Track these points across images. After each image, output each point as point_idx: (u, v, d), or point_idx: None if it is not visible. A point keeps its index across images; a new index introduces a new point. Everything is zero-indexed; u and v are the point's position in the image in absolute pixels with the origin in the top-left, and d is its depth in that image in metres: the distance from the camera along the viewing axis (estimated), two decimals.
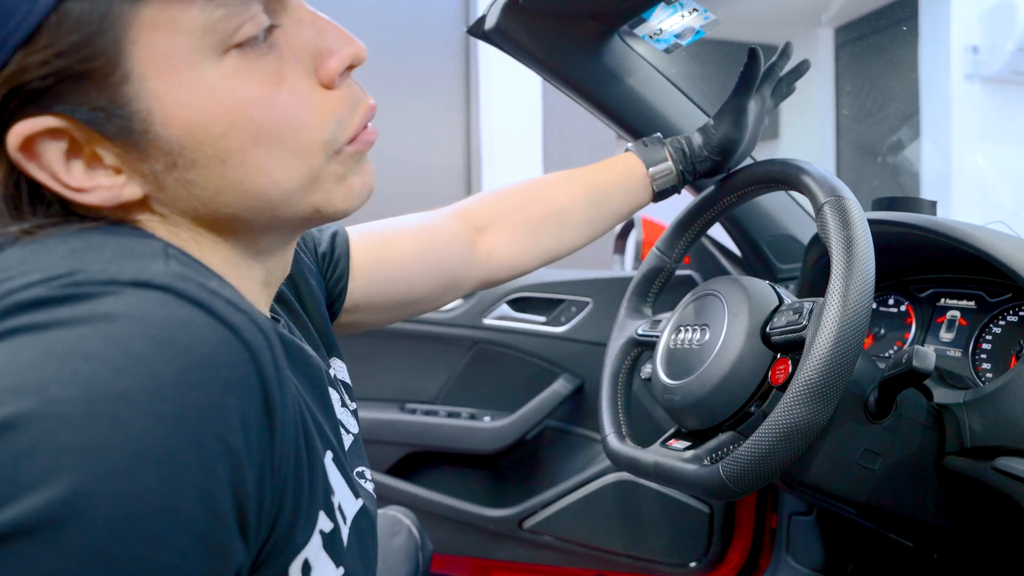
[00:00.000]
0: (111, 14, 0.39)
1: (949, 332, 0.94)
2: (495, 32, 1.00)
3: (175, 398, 0.34)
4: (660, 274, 0.96)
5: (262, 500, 0.38)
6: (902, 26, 3.77)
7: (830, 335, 0.63)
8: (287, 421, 0.40)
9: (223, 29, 0.42)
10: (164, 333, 0.35)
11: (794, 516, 1.23)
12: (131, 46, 0.40)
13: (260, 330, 0.39)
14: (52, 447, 0.31)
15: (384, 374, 1.58)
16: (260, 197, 0.46)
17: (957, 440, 0.76)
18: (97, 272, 0.37)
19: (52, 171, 0.42)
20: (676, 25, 0.99)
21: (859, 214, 0.69)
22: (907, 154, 3.80)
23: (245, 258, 0.50)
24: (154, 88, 0.41)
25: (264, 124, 0.44)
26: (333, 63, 0.47)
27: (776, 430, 0.64)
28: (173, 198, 0.45)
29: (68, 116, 0.41)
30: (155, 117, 0.42)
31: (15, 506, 0.30)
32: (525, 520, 1.47)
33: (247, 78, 0.43)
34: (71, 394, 0.32)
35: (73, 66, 0.40)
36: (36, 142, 0.41)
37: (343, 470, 0.54)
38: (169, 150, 0.43)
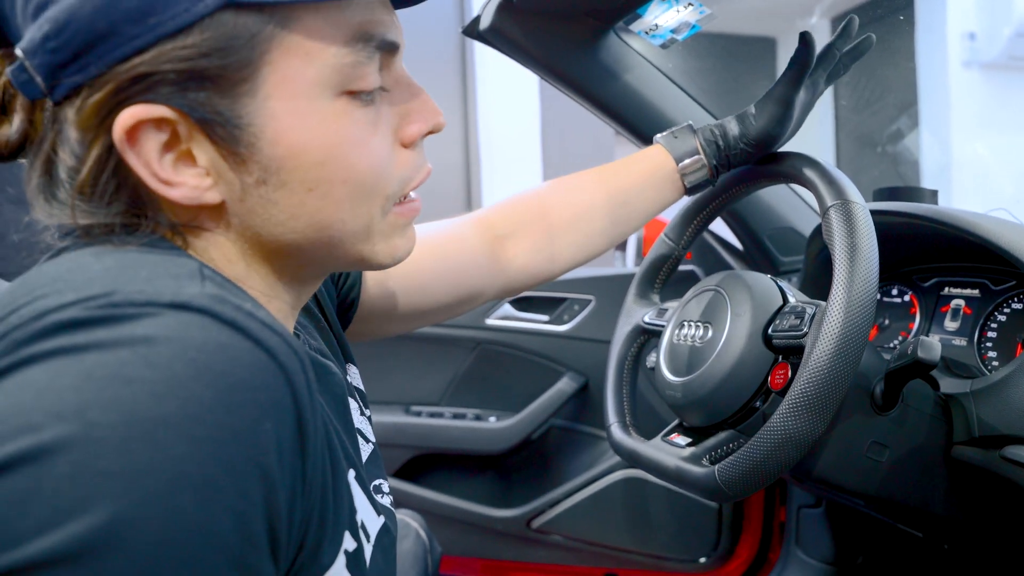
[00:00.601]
0: (261, 33, 0.42)
1: (954, 321, 0.93)
2: (490, 32, 0.99)
3: (213, 422, 0.34)
4: (668, 261, 0.96)
5: (292, 522, 0.38)
6: (899, 15, 3.76)
7: (828, 347, 0.62)
8: (318, 444, 0.41)
9: (347, 75, 0.45)
10: (203, 356, 0.35)
11: (803, 509, 1.22)
12: (267, 66, 0.43)
13: (295, 353, 0.39)
14: (93, 472, 0.31)
15: (388, 377, 1.58)
16: (326, 231, 0.48)
17: (965, 430, 0.75)
18: (134, 293, 0.37)
19: (147, 159, 0.42)
20: (672, 20, 0.99)
21: (865, 220, 0.68)
22: (907, 143, 3.79)
23: (282, 281, 0.51)
24: (274, 107, 0.43)
25: (355, 165, 0.47)
26: (417, 127, 0.51)
27: (771, 439, 0.64)
28: (249, 212, 0.46)
29: (182, 111, 0.42)
30: (266, 133, 0.44)
31: (56, 532, 0.30)
32: (533, 520, 1.46)
33: (350, 121, 0.46)
34: (111, 419, 0.32)
35: (210, 68, 0.41)
36: (140, 128, 0.42)
37: (364, 487, 0.54)
38: (267, 166, 0.45)
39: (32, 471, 0.31)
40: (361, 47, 0.45)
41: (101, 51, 0.40)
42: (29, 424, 0.32)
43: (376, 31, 0.46)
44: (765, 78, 5.30)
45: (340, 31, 0.44)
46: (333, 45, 0.44)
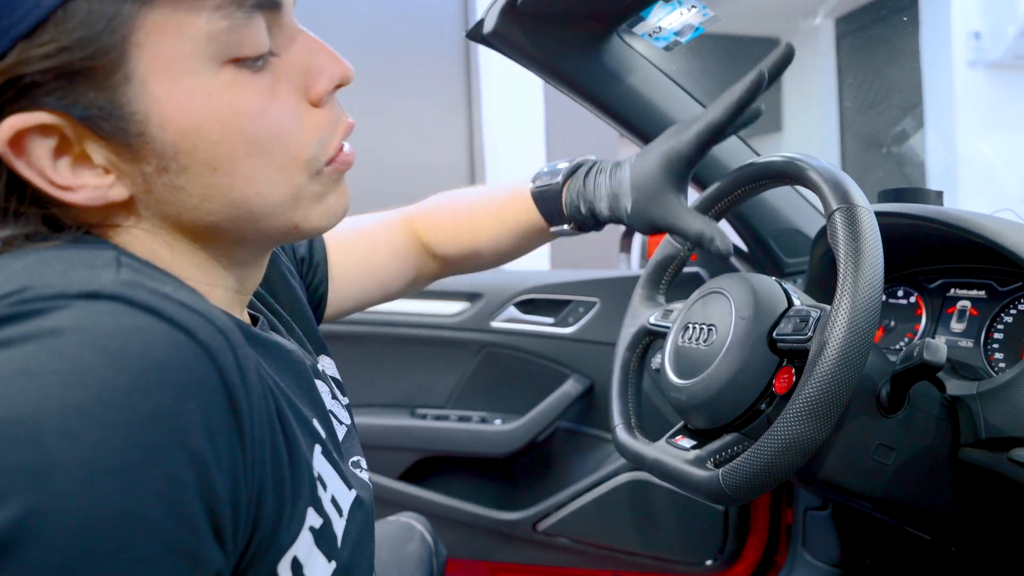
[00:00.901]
0: (119, 15, 0.40)
1: (960, 323, 0.93)
2: (494, 36, 1.00)
3: (128, 406, 0.33)
4: (673, 262, 0.95)
5: (237, 503, 0.38)
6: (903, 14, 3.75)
7: (833, 352, 0.62)
8: (258, 420, 0.40)
9: (225, 41, 0.42)
10: (114, 342, 0.34)
11: (810, 511, 1.22)
12: (135, 48, 0.41)
13: (218, 330, 0.39)
14: (3, 468, 0.31)
15: (393, 380, 1.58)
16: (244, 207, 0.46)
17: (972, 432, 0.75)
18: (45, 287, 0.36)
19: (39, 168, 0.41)
20: (675, 22, 0.99)
21: (870, 224, 0.68)
22: (912, 144, 3.79)
23: (219, 266, 0.50)
24: (154, 91, 0.42)
25: (256, 136, 0.45)
26: (322, 83, 0.48)
27: (775, 443, 0.64)
28: (159, 202, 0.45)
29: (62, 113, 0.41)
30: (152, 119, 0.42)
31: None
32: (539, 522, 1.46)
33: (243, 90, 0.44)
34: (19, 413, 0.32)
35: (75, 63, 0.40)
36: (25, 138, 0.41)
37: (334, 463, 0.53)
38: (163, 153, 0.43)
39: None
40: (235, 9, 0.42)
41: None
42: None
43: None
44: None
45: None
46: (202, 13, 0.41)
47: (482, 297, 1.53)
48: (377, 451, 1.50)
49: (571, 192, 0.78)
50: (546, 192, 0.79)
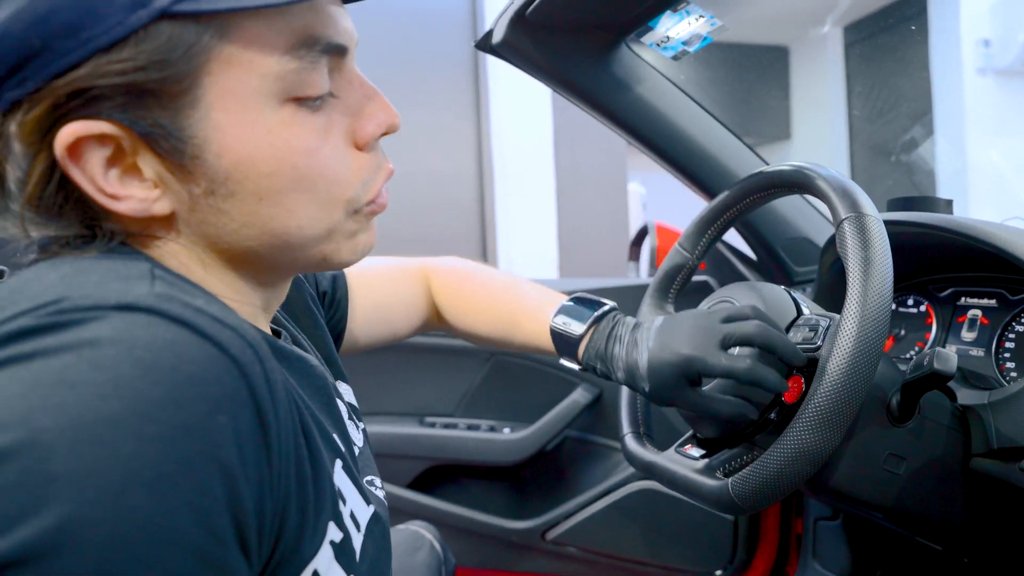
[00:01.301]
0: (198, 44, 0.41)
1: (971, 331, 0.92)
2: (503, 46, 1.00)
3: (163, 419, 0.34)
4: (682, 271, 0.95)
5: (263, 515, 0.38)
6: (911, 22, 3.75)
7: (842, 362, 0.62)
8: (284, 434, 0.40)
9: (291, 81, 0.44)
10: (149, 355, 0.35)
11: (820, 521, 1.21)
12: (207, 77, 0.42)
13: (248, 344, 0.39)
14: (40, 477, 0.31)
15: (402, 388, 1.58)
16: (281, 238, 0.48)
17: (983, 441, 0.75)
18: (82, 298, 0.37)
19: (91, 174, 0.43)
20: (683, 32, 0.99)
21: (880, 234, 0.68)
22: (921, 152, 3.77)
23: (247, 286, 0.51)
24: (217, 119, 0.43)
25: (305, 173, 0.46)
26: (370, 129, 0.50)
27: (785, 453, 0.64)
28: (200, 222, 0.46)
29: (124, 126, 0.42)
30: (211, 145, 0.43)
31: (7, 537, 0.31)
32: (548, 531, 1.46)
33: (300, 128, 0.45)
34: (57, 422, 0.32)
35: (148, 82, 0.41)
36: (83, 144, 0.42)
37: (354, 478, 0.54)
38: (214, 177, 0.44)
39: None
40: (304, 52, 0.44)
41: (36, 66, 0.40)
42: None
43: (322, 34, 0.45)
44: (777, 87, 5.30)
45: (282, 37, 0.43)
46: (275, 53, 0.43)
47: None
48: (386, 459, 1.50)
49: (589, 350, 0.78)
50: (566, 336, 0.79)
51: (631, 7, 0.94)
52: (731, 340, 0.67)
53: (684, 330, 0.70)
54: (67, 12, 0.39)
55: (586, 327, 0.77)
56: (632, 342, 0.74)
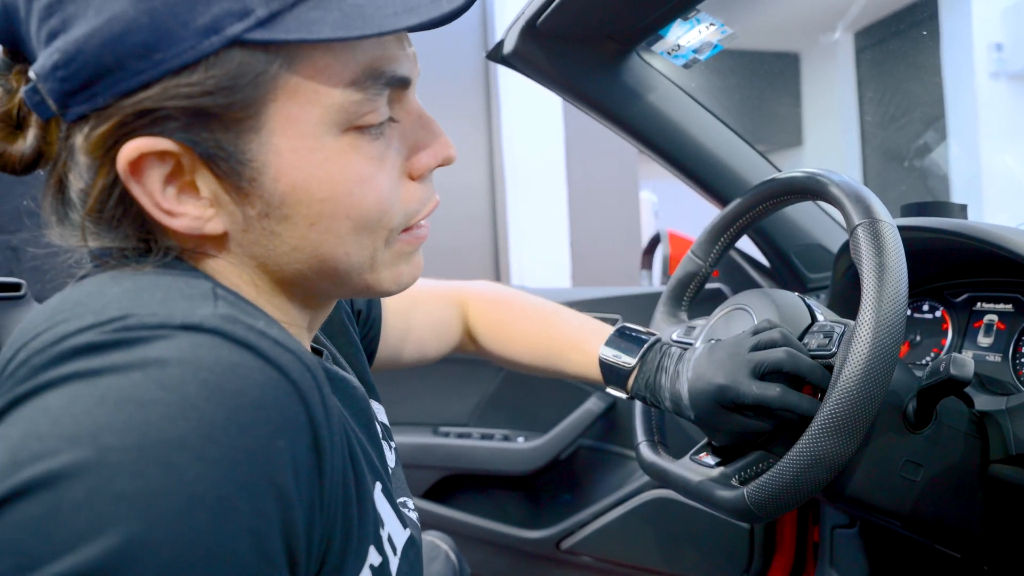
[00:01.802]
0: (267, 73, 0.42)
1: (987, 337, 0.92)
2: (513, 56, 1.01)
3: (226, 442, 0.34)
4: (695, 279, 0.95)
5: (311, 538, 0.39)
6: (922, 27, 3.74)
7: (857, 369, 0.62)
8: (335, 459, 0.41)
9: (353, 112, 0.45)
10: (214, 377, 0.35)
11: (837, 529, 1.20)
12: (272, 104, 0.43)
13: (308, 369, 0.40)
14: (108, 495, 0.32)
15: (416, 398, 1.58)
16: (329, 263, 0.48)
17: (1002, 447, 0.74)
18: (147, 316, 0.37)
19: (150, 189, 0.43)
20: (694, 40, 0.99)
21: (894, 239, 0.67)
22: (934, 157, 3.75)
23: (293, 306, 0.52)
24: (278, 145, 0.44)
25: (360, 202, 0.47)
26: (426, 160, 0.51)
27: (801, 460, 0.63)
28: (252, 243, 0.47)
29: (186, 145, 0.43)
30: (269, 170, 0.44)
31: (72, 555, 0.31)
32: (563, 541, 1.46)
33: (357, 156, 0.46)
34: (125, 442, 0.33)
35: (214, 106, 0.42)
36: (144, 160, 0.42)
37: (391, 500, 0.54)
38: (269, 200, 0.45)
39: (48, 496, 0.32)
40: (370, 84, 0.45)
41: (108, 84, 0.41)
42: (45, 450, 0.32)
43: (387, 68, 0.46)
44: (788, 93, 5.29)
45: (348, 69, 0.44)
46: (339, 85, 0.44)
47: None
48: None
49: (639, 380, 0.81)
50: (616, 368, 0.83)
51: (642, 16, 0.95)
52: (762, 369, 0.68)
53: (717, 360, 0.72)
54: (143, 33, 0.40)
55: (636, 360, 0.81)
56: (675, 373, 0.77)
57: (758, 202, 0.87)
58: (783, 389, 0.67)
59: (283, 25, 0.41)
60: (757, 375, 0.68)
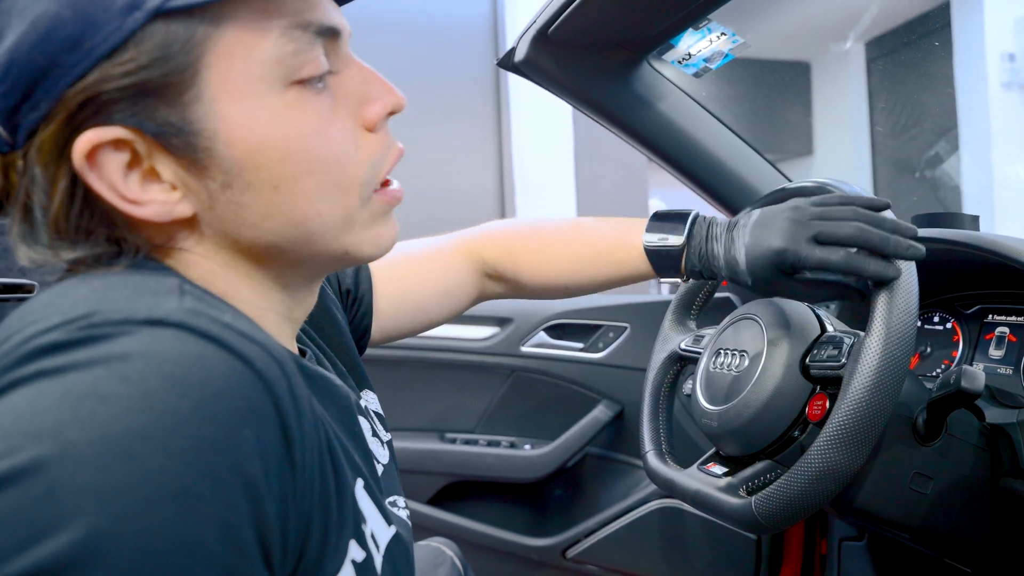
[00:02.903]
0: (193, 38, 0.42)
1: (998, 349, 0.91)
2: (525, 64, 1.01)
3: (190, 433, 0.34)
4: (705, 287, 0.95)
5: (286, 530, 0.38)
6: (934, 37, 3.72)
7: (867, 379, 0.62)
8: (308, 450, 0.41)
9: (290, 64, 0.45)
10: (178, 369, 0.36)
11: (845, 542, 1.20)
12: (206, 69, 0.43)
13: (275, 360, 0.40)
14: (70, 489, 0.32)
15: (423, 404, 1.58)
16: (302, 227, 0.48)
17: (1012, 460, 0.74)
18: (112, 313, 0.38)
19: (111, 181, 0.43)
20: (705, 49, 0.99)
21: None
22: (946, 168, 3.74)
23: (273, 289, 0.52)
24: (222, 110, 0.44)
25: (316, 155, 0.47)
26: (376, 108, 0.51)
27: (809, 471, 0.63)
28: (220, 219, 0.47)
29: (136, 128, 0.43)
30: (220, 137, 0.44)
31: (36, 550, 0.31)
32: (569, 549, 1.45)
33: (305, 111, 0.46)
34: (87, 436, 0.33)
35: (151, 81, 0.42)
36: (99, 152, 0.43)
37: (375, 498, 0.54)
38: (228, 169, 0.45)
39: (11, 493, 0.32)
40: (299, 34, 0.45)
41: (47, 85, 0.41)
42: (8, 447, 0.32)
43: (313, 17, 0.46)
44: (799, 103, 5.28)
45: (274, 22, 0.45)
46: (269, 37, 0.44)
47: (512, 322, 1.53)
48: (406, 475, 1.50)
49: (691, 257, 0.78)
50: (664, 251, 0.79)
51: (653, 25, 0.95)
52: (825, 238, 0.68)
53: (777, 224, 0.71)
54: (67, 26, 0.40)
55: (683, 237, 0.78)
56: (729, 239, 0.76)
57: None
58: (847, 253, 0.66)
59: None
60: (820, 242, 0.68)
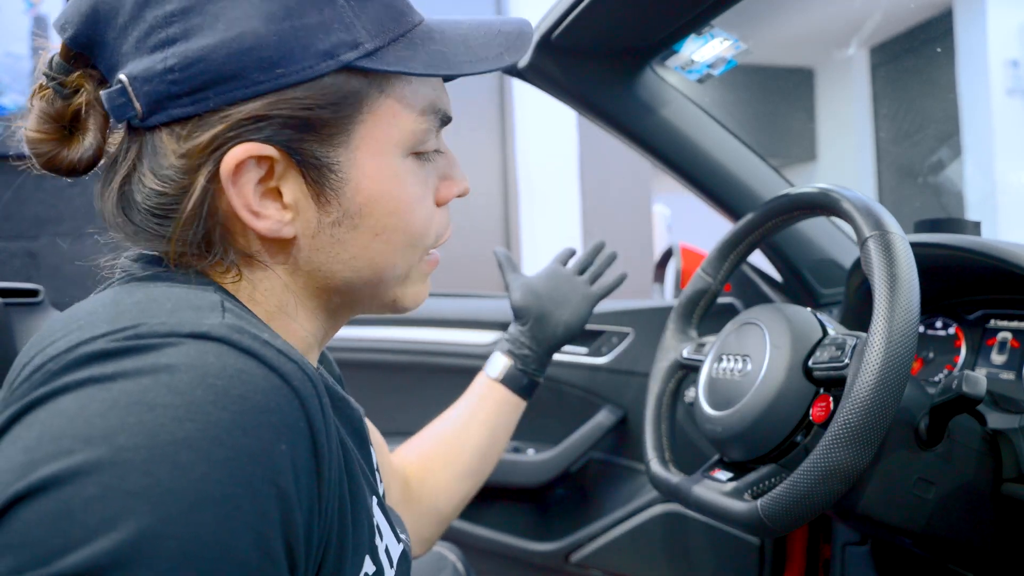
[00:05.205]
0: (363, 95, 0.49)
1: (1001, 354, 0.91)
2: (529, 70, 1.02)
3: (231, 444, 0.36)
4: (705, 296, 0.96)
5: (310, 541, 0.40)
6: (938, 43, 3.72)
7: (870, 378, 0.62)
8: (333, 465, 0.43)
9: (419, 139, 0.52)
10: (221, 382, 0.37)
11: (848, 547, 1.20)
12: (360, 124, 0.49)
13: (309, 378, 0.42)
14: (120, 492, 0.33)
15: (427, 408, 1.58)
16: (378, 272, 0.54)
17: (1014, 466, 0.74)
18: (157, 325, 0.39)
19: (244, 191, 0.47)
20: (708, 55, 1.00)
21: (905, 251, 0.68)
22: (949, 174, 3.73)
23: (322, 317, 0.56)
24: (360, 159, 0.50)
25: (413, 217, 0.54)
26: (453, 190, 0.58)
27: (814, 472, 0.63)
28: (316, 249, 0.51)
29: (284, 152, 0.47)
30: (351, 182, 0.50)
31: (86, 549, 0.32)
32: (572, 554, 1.45)
33: (415, 179, 0.53)
34: (136, 442, 0.34)
35: (318, 119, 0.47)
36: (245, 164, 0.46)
37: (386, 514, 0.56)
38: (347, 209, 0.50)
39: (63, 493, 0.33)
40: (432, 117, 0.53)
41: (223, 90, 0.45)
42: (60, 450, 0.34)
43: (442, 106, 0.54)
44: (803, 109, 5.28)
45: (419, 102, 0.52)
46: (413, 113, 0.51)
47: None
48: None
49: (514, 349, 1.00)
50: (505, 363, 1.00)
51: (656, 31, 0.95)
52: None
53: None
54: (269, 50, 0.45)
55: (496, 343, 0.88)
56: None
57: (769, 218, 0.88)
58: None
59: (383, 58, 0.48)
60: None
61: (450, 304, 1.57)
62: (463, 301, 1.60)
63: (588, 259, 1.05)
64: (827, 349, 0.72)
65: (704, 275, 0.95)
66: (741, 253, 0.93)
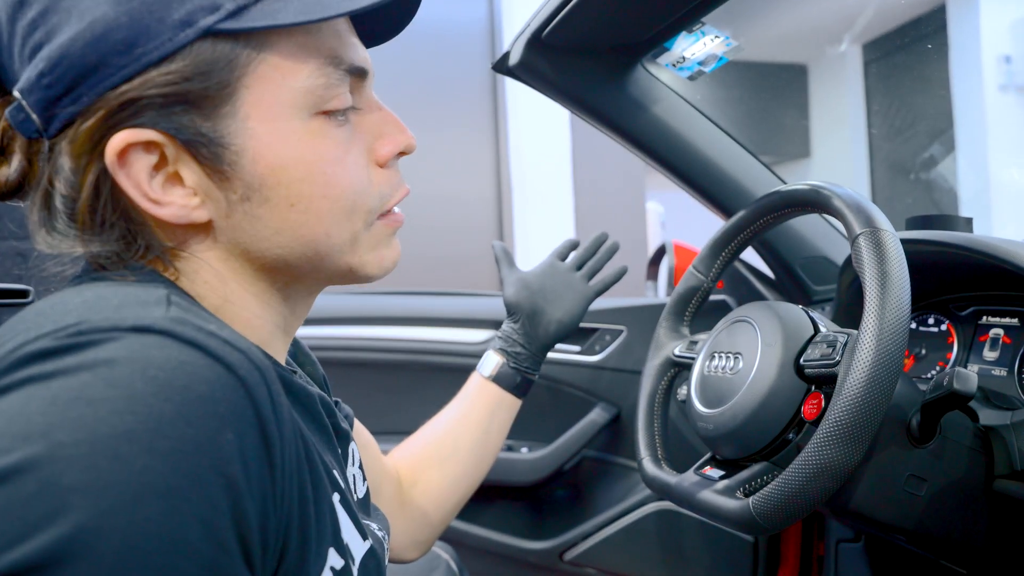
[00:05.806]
0: (236, 59, 0.46)
1: (993, 351, 0.91)
2: (519, 67, 1.01)
3: (174, 435, 0.36)
4: (697, 294, 0.95)
5: (266, 531, 0.39)
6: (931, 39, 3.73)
7: (861, 375, 0.62)
8: (288, 454, 0.42)
9: (319, 96, 0.49)
10: (162, 374, 0.37)
11: (842, 543, 1.20)
12: (244, 89, 0.47)
13: (256, 367, 0.41)
14: (58, 488, 0.33)
15: (419, 407, 1.58)
16: (311, 245, 0.51)
17: (1006, 462, 0.74)
18: (100, 321, 0.39)
19: (137, 180, 0.46)
20: (699, 52, 1.00)
21: (895, 248, 0.68)
22: (942, 170, 3.75)
23: (275, 299, 0.54)
24: (253, 128, 0.47)
25: (332, 180, 0.50)
26: (389, 146, 0.55)
27: (806, 469, 0.63)
28: (235, 228, 0.49)
29: (169, 134, 0.46)
30: (247, 152, 0.48)
31: (24, 545, 0.32)
32: (566, 552, 1.45)
33: (326, 139, 0.50)
34: (75, 437, 0.34)
35: (191, 92, 0.45)
36: (130, 151, 0.45)
37: (350, 512, 0.55)
38: (250, 183, 0.48)
39: (2, 491, 0.33)
40: (331, 70, 0.49)
41: (92, 82, 0.44)
42: (1, 448, 0.34)
43: (345, 56, 0.50)
44: (796, 105, 5.29)
45: (311, 56, 0.48)
46: (305, 69, 0.48)
47: None
48: None
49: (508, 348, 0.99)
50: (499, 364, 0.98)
51: (647, 28, 0.95)
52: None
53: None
54: (123, 32, 0.43)
55: (489, 341, 0.86)
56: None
57: (760, 215, 0.87)
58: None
59: (249, 16, 0.45)
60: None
61: (443, 302, 1.57)
62: (456, 299, 1.60)
63: (588, 253, 1.03)
64: (818, 346, 0.72)
65: (696, 273, 0.95)
66: (733, 250, 0.93)
